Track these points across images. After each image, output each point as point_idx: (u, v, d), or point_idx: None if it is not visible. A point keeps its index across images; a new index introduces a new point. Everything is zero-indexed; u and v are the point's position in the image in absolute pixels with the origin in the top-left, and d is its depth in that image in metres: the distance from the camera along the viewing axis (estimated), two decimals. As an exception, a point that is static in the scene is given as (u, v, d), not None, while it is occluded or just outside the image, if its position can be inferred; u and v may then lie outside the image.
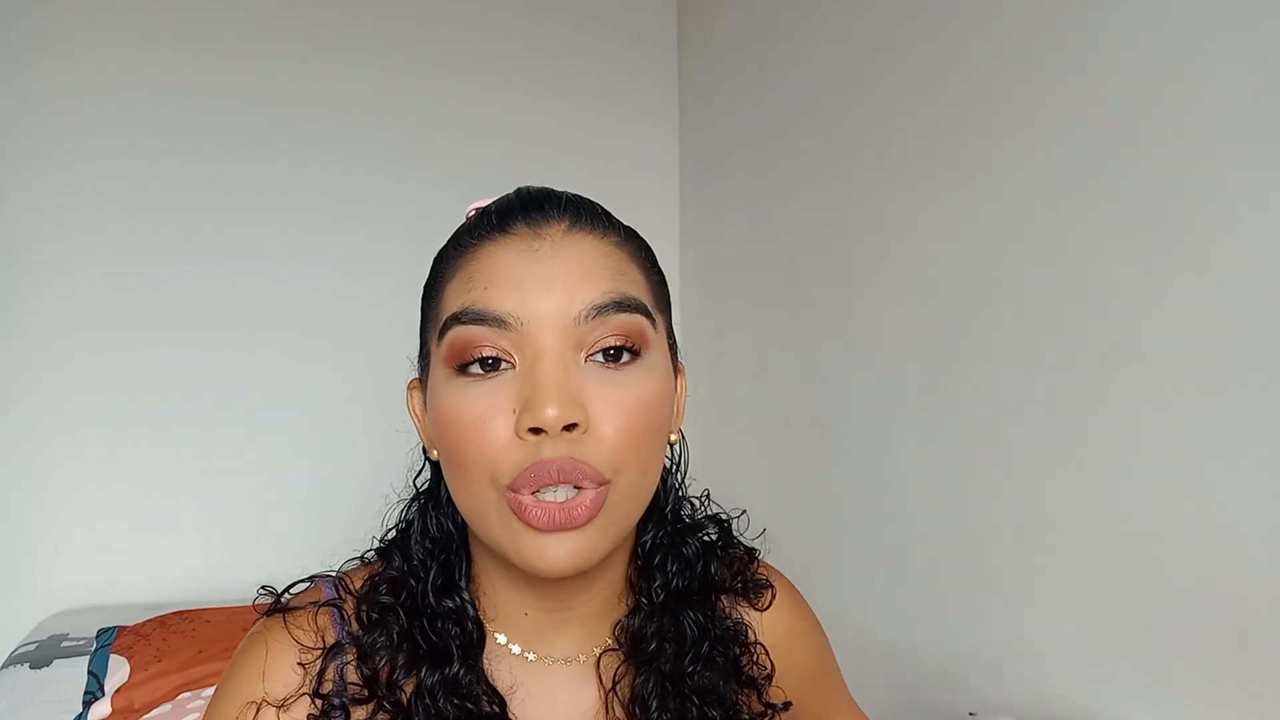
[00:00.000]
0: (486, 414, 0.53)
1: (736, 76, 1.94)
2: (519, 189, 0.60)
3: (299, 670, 0.58)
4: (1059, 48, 1.08)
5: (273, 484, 1.88)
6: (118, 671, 1.40)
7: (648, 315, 0.56)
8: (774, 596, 0.69)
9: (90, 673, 1.41)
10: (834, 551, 1.51)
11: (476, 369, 0.54)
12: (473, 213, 0.61)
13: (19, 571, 1.72)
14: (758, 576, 0.68)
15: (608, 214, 0.60)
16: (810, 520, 1.59)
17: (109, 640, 1.50)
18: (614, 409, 0.53)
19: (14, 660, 1.48)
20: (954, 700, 1.23)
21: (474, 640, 0.60)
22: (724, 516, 0.71)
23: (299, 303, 1.89)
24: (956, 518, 1.26)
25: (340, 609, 0.61)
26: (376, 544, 0.66)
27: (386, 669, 0.58)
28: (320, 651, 0.58)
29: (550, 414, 0.50)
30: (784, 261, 1.73)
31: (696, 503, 0.70)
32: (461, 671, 0.58)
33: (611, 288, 0.55)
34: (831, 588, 0.79)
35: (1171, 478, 0.95)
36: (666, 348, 0.59)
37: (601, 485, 0.53)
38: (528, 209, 0.57)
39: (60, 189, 1.75)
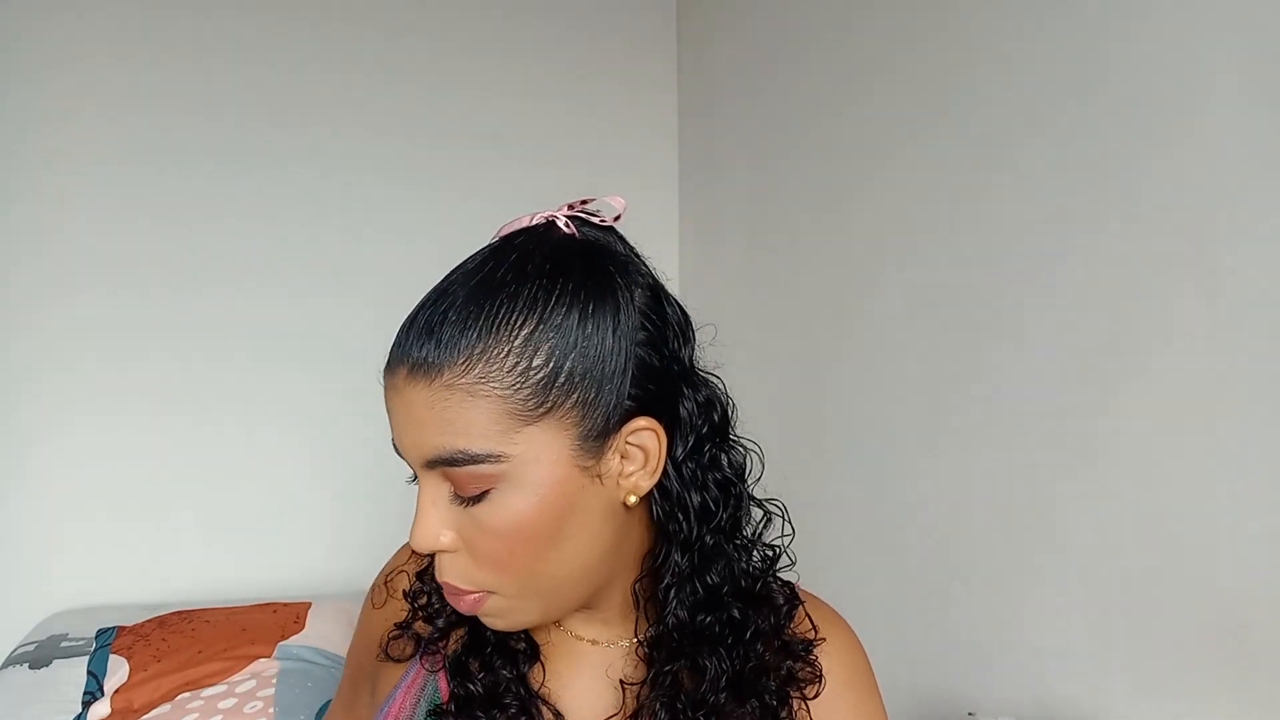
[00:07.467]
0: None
1: (735, 87, 1.95)
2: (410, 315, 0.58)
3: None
4: (1060, 58, 1.08)
5: (272, 485, 1.88)
6: (117, 672, 1.40)
7: (477, 460, 0.54)
8: (821, 689, 0.67)
9: (89, 673, 1.41)
10: (834, 553, 1.52)
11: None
12: (496, 233, 0.61)
13: (18, 572, 1.72)
14: (801, 675, 0.66)
15: (455, 336, 0.54)
16: (811, 522, 1.58)
17: (108, 640, 1.50)
18: (473, 540, 0.57)
19: (13, 660, 1.48)
20: (953, 700, 1.23)
21: None
22: (793, 593, 0.71)
23: (300, 307, 1.90)
24: (956, 518, 1.26)
25: None
26: None
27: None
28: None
29: (415, 547, 0.57)
30: (783, 270, 1.73)
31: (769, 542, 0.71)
32: None
33: (435, 445, 0.54)
34: (831, 588, 0.79)
35: (1171, 479, 0.95)
36: (539, 459, 0.54)
37: (478, 593, 0.58)
38: (393, 346, 0.58)
39: (60, 195, 1.75)
